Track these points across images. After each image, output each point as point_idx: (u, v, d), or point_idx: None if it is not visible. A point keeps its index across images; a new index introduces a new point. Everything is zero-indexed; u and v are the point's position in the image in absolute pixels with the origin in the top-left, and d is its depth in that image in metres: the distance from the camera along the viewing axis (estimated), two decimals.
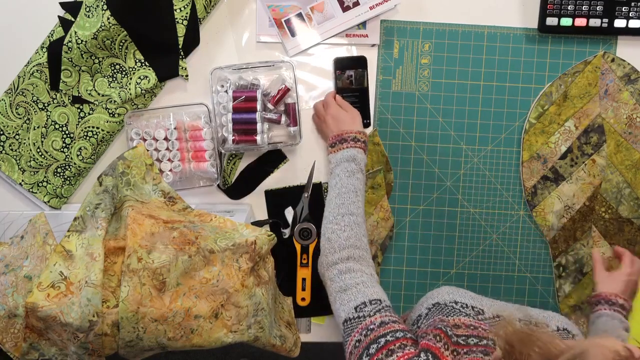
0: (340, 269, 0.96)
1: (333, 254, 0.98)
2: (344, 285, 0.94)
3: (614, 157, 1.16)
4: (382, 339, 0.82)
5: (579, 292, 1.19)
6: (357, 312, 0.89)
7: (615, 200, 1.17)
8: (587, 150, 1.17)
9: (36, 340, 1.02)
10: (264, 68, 1.14)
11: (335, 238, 0.99)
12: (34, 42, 1.12)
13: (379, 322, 0.86)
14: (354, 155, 1.05)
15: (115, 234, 1.05)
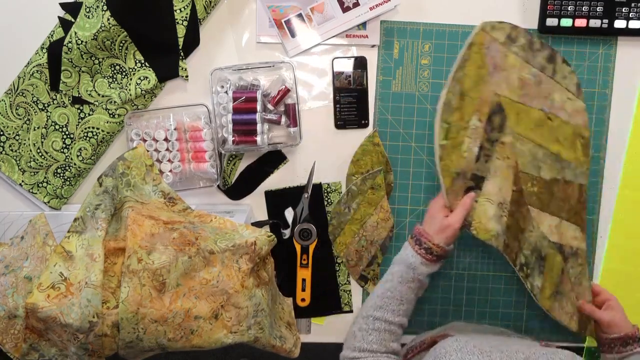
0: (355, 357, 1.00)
1: (352, 351, 1.00)
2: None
3: (518, 128, 1.08)
4: None
5: (549, 278, 1.13)
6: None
7: (535, 169, 1.10)
8: (494, 137, 1.07)
9: (36, 341, 1.02)
10: (264, 69, 1.14)
11: (359, 337, 1.00)
12: (34, 42, 1.12)
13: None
14: (415, 265, 1.01)
15: (115, 235, 1.05)
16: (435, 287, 1.22)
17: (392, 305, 1.01)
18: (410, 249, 1.03)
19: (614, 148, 1.21)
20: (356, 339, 1.00)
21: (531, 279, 1.10)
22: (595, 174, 1.21)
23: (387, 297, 1.01)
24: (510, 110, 1.08)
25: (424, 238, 1.02)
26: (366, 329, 1.00)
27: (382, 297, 1.01)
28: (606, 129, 1.20)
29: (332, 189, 1.20)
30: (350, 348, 1.00)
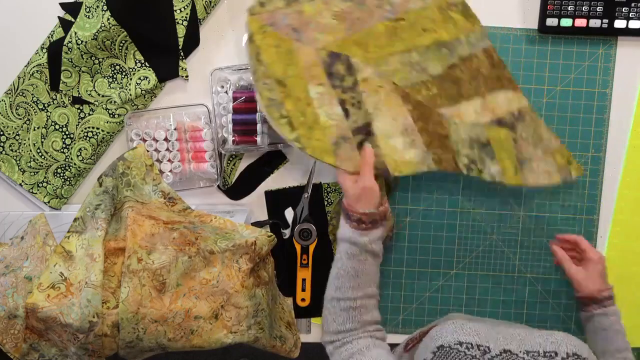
0: (336, 346, 0.99)
1: (330, 336, 1.00)
2: (342, 357, 0.97)
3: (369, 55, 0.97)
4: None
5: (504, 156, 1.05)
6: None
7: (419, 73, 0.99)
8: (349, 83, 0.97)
9: (36, 341, 1.03)
10: None
11: (330, 321, 1.00)
12: (34, 42, 1.12)
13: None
14: (356, 240, 0.98)
15: (115, 235, 1.05)
16: (434, 286, 1.22)
17: (349, 283, 0.99)
18: (343, 224, 0.99)
19: (614, 148, 1.21)
20: (328, 323, 1.00)
21: (487, 170, 1.02)
22: (595, 174, 1.21)
23: (341, 277, 0.99)
24: (346, 49, 0.98)
25: (349, 211, 0.98)
26: (334, 312, 1.00)
27: (337, 278, 1.00)
28: (606, 129, 1.20)
29: (332, 189, 1.20)
30: (328, 332, 1.01)
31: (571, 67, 1.18)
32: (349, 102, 0.98)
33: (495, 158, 1.03)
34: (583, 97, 1.19)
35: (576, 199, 1.21)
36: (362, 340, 0.97)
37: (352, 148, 0.98)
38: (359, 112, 0.98)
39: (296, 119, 0.97)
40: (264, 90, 0.97)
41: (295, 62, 0.97)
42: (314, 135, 0.97)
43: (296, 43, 0.97)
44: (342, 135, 0.97)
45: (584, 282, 1.08)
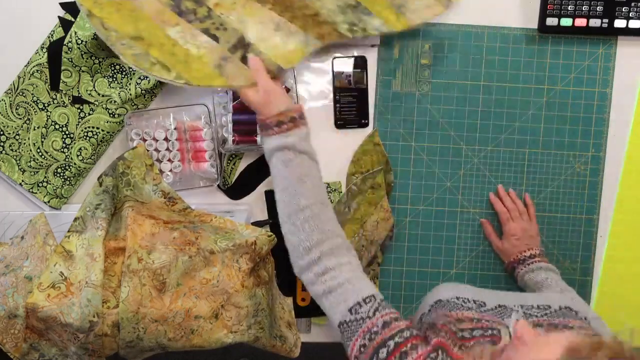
0: (316, 272, 0.91)
1: (302, 258, 0.92)
2: (327, 287, 0.89)
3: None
4: (391, 341, 0.81)
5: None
6: (353, 314, 0.86)
7: None
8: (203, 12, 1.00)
9: (36, 341, 1.02)
10: None
11: (296, 241, 0.93)
12: (34, 42, 1.12)
13: (381, 323, 0.84)
14: (284, 143, 0.95)
15: (116, 235, 1.05)
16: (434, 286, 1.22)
17: (297, 190, 0.94)
18: (267, 139, 0.97)
19: (614, 148, 1.21)
20: (294, 244, 0.93)
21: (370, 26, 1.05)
22: (595, 173, 1.21)
23: (287, 188, 0.94)
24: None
25: (265, 120, 0.96)
26: (295, 230, 0.93)
27: (283, 193, 0.94)
28: (606, 129, 1.20)
29: (332, 188, 1.20)
30: (299, 257, 0.92)
31: (571, 66, 1.18)
32: (212, 28, 1.00)
33: (371, 13, 1.05)
34: (583, 97, 1.19)
35: (576, 199, 1.21)
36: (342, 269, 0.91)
37: (237, 65, 1.00)
38: (226, 33, 1.01)
39: (168, 60, 0.99)
40: (125, 49, 0.98)
41: (142, 17, 0.98)
42: (192, 67, 0.99)
43: (134, 1, 0.99)
44: (221, 57, 1.00)
45: (506, 253, 1.18)
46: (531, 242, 1.16)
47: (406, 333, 0.82)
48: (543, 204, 1.21)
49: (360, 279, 0.90)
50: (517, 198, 1.19)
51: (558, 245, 1.22)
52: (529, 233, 1.16)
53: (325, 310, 0.90)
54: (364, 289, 0.88)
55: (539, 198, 1.21)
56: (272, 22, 1.02)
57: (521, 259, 1.15)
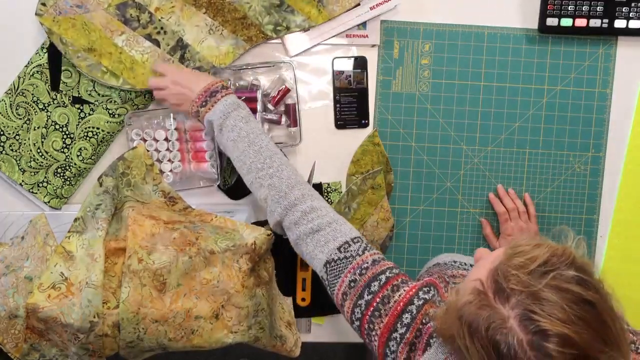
0: (303, 210, 0.91)
1: (285, 198, 0.92)
2: (314, 226, 0.90)
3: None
4: (382, 275, 0.84)
5: None
6: (342, 252, 0.88)
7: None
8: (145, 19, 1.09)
9: (37, 341, 1.03)
10: (264, 68, 1.14)
11: (277, 182, 0.94)
12: (34, 42, 1.12)
13: (371, 260, 0.87)
14: (236, 102, 0.99)
15: (116, 235, 1.05)
16: None
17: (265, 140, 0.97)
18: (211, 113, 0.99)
19: (614, 148, 1.21)
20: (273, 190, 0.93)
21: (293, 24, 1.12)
22: (596, 173, 1.21)
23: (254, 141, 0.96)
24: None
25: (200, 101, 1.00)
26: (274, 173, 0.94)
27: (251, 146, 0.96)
28: (606, 129, 1.20)
29: (332, 188, 1.20)
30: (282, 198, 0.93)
31: (571, 67, 1.19)
32: (154, 33, 1.10)
33: (295, 10, 1.11)
34: (583, 97, 1.19)
35: (576, 199, 1.22)
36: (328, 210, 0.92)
37: (177, 65, 1.11)
38: (166, 36, 1.10)
39: (115, 68, 1.10)
40: (80, 62, 1.09)
41: (93, 29, 1.09)
42: (137, 72, 1.10)
43: (86, 15, 1.08)
44: (161, 60, 1.11)
45: None
46: None
47: (395, 270, 0.86)
48: (543, 204, 1.21)
49: (345, 221, 0.92)
50: (517, 198, 1.19)
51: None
52: (527, 233, 1.16)
53: (308, 251, 0.91)
54: (351, 230, 0.91)
55: (539, 198, 1.21)
56: (206, 25, 1.11)
57: None
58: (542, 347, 0.62)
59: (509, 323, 0.65)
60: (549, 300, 0.64)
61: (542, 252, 0.68)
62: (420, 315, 0.81)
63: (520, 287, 0.65)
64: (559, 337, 0.62)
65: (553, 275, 0.65)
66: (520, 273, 0.66)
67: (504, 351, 0.64)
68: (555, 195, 1.21)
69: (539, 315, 0.63)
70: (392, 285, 0.83)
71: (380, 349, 0.82)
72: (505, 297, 0.66)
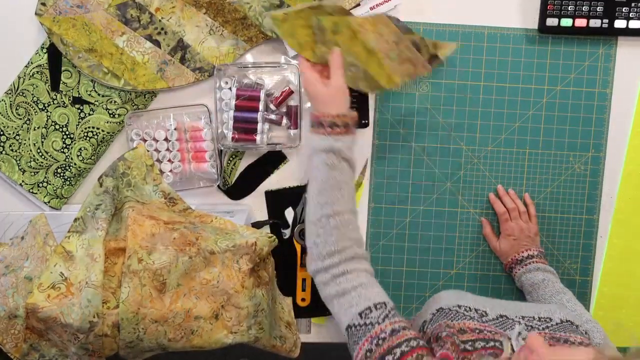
0: (334, 274, 0.92)
1: (323, 261, 0.93)
2: (340, 289, 0.90)
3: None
4: (397, 349, 0.81)
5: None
6: (363, 318, 0.86)
7: None
8: (145, 20, 1.08)
9: (36, 341, 1.03)
10: (269, 68, 1.14)
11: (322, 243, 0.93)
12: (34, 42, 1.12)
13: (389, 330, 0.84)
14: (332, 146, 0.94)
15: (116, 235, 1.05)
16: (434, 286, 1.22)
17: (334, 196, 0.94)
18: (316, 137, 0.96)
19: (614, 148, 1.21)
20: (319, 247, 0.93)
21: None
22: (595, 173, 1.21)
23: (325, 191, 0.93)
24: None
25: (321, 117, 0.95)
26: (323, 233, 0.93)
27: (321, 194, 0.94)
28: (606, 129, 1.20)
29: None
30: (320, 259, 0.92)
31: (571, 67, 1.19)
32: (154, 33, 1.10)
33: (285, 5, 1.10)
34: (583, 97, 1.19)
35: (576, 199, 1.21)
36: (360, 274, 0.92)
37: (177, 66, 1.12)
38: (167, 36, 1.11)
39: (117, 69, 1.10)
40: (81, 62, 1.09)
41: (94, 29, 1.09)
42: (138, 73, 1.11)
43: (86, 15, 1.08)
44: (162, 61, 1.11)
45: (504, 253, 1.18)
46: (529, 243, 1.16)
47: (413, 343, 0.82)
48: (543, 204, 1.21)
49: (374, 285, 0.91)
50: (517, 198, 1.19)
51: (558, 245, 1.22)
52: (526, 233, 1.16)
53: (334, 312, 0.91)
54: (377, 295, 0.89)
55: (539, 198, 1.21)
56: (207, 25, 1.11)
57: (519, 260, 1.15)
58: None
59: None
60: None
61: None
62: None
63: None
64: None
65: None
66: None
67: None
68: (555, 195, 1.21)
69: None
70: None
71: None
72: None
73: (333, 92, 0.97)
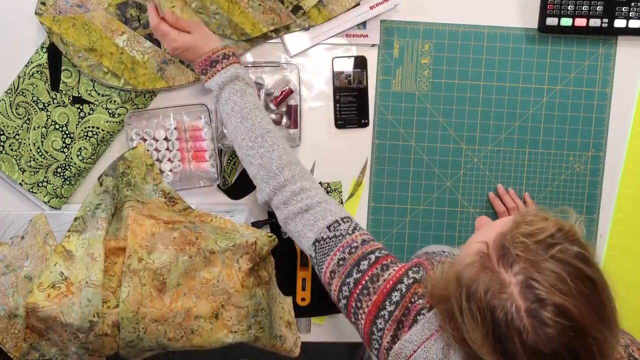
0: (293, 190, 0.92)
1: (275, 178, 0.93)
2: (304, 205, 0.91)
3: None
4: (371, 255, 0.85)
5: None
6: (332, 231, 0.88)
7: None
8: (145, 19, 1.08)
9: (36, 341, 1.03)
10: (269, 68, 1.14)
11: (267, 162, 0.94)
12: (34, 42, 1.12)
13: (360, 240, 0.87)
14: (235, 73, 0.98)
15: (116, 235, 1.05)
16: None
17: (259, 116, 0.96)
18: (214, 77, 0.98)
19: (614, 148, 1.21)
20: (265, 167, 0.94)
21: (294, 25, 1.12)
22: (595, 173, 1.21)
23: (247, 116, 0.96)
24: None
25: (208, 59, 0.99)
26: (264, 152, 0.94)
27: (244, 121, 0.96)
28: (606, 128, 1.20)
29: (332, 188, 1.20)
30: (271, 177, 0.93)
31: (571, 66, 1.19)
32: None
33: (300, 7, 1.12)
34: (583, 97, 1.19)
35: (576, 199, 1.22)
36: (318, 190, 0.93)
37: (178, 66, 1.11)
38: None
39: (117, 68, 1.09)
40: (81, 62, 1.09)
41: (94, 29, 1.08)
42: (138, 73, 1.10)
43: (86, 15, 1.08)
44: (162, 60, 1.11)
45: None
46: None
47: (384, 251, 0.86)
48: (543, 203, 1.21)
49: (334, 202, 0.93)
50: (517, 197, 1.19)
51: None
52: None
53: (297, 230, 0.92)
54: (341, 210, 0.92)
55: (539, 198, 1.21)
56: (207, 25, 1.08)
57: None
58: (539, 315, 0.63)
59: (510, 289, 0.66)
60: (552, 272, 0.65)
61: (550, 225, 0.69)
62: (410, 294, 0.81)
63: (526, 255, 0.66)
64: (557, 308, 0.63)
65: (559, 249, 0.66)
66: (529, 241, 0.67)
67: (499, 316, 0.65)
68: (555, 195, 1.21)
69: (540, 285, 0.64)
70: (381, 265, 0.84)
71: (367, 327, 0.82)
72: (509, 263, 0.67)
73: (204, 34, 1.01)
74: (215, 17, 1.09)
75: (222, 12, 1.08)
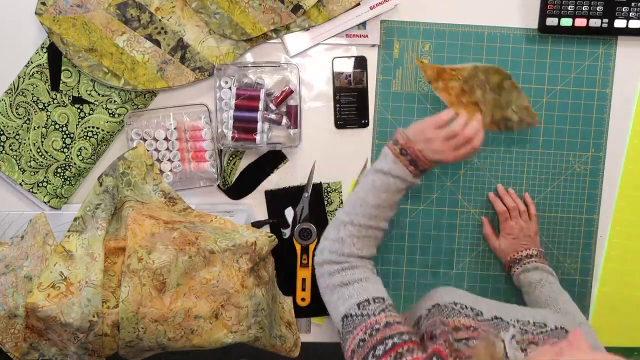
0: (343, 267, 0.94)
1: (339, 256, 0.95)
2: (345, 280, 0.92)
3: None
4: (389, 340, 0.82)
5: None
6: (360, 309, 0.88)
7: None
8: (145, 19, 1.09)
9: (36, 341, 1.02)
10: (269, 68, 1.14)
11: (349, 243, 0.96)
12: (34, 42, 1.12)
13: (384, 322, 0.85)
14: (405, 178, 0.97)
15: (116, 235, 1.05)
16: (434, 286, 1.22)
17: (384, 214, 0.97)
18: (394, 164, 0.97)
19: (614, 148, 1.21)
20: (345, 244, 0.95)
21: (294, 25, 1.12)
22: (595, 173, 1.21)
23: (380, 207, 0.96)
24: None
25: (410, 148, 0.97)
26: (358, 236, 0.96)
27: (376, 208, 0.96)
28: (606, 129, 1.20)
29: (332, 188, 1.20)
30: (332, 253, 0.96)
31: (571, 66, 1.19)
32: (154, 33, 1.10)
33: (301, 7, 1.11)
34: (583, 97, 1.19)
35: (576, 199, 1.21)
36: (366, 270, 0.95)
37: (177, 66, 1.12)
38: (167, 36, 1.11)
39: (117, 68, 1.10)
40: (81, 62, 1.09)
41: (94, 29, 1.09)
42: (138, 73, 1.11)
43: (86, 15, 1.08)
44: (162, 60, 1.11)
45: (503, 252, 1.18)
46: (529, 242, 1.16)
47: (405, 336, 0.83)
48: (543, 204, 1.21)
49: (377, 282, 0.93)
50: (517, 197, 1.19)
51: (558, 245, 1.22)
52: (526, 232, 1.16)
53: (332, 301, 0.92)
54: (377, 290, 0.91)
55: (539, 198, 1.21)
56: (207, 25, 1.10)
57: (517, 259, 1.15)
58: None
59: None
60: None
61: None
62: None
63: None
64: None
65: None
66: None
67: None
68: (555, 195, 1.21)
69: None
70: (396, 353, 0.81)
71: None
72: None
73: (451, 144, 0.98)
74: (216, 16, 1.09)
75: (222, 11, 1.08)
